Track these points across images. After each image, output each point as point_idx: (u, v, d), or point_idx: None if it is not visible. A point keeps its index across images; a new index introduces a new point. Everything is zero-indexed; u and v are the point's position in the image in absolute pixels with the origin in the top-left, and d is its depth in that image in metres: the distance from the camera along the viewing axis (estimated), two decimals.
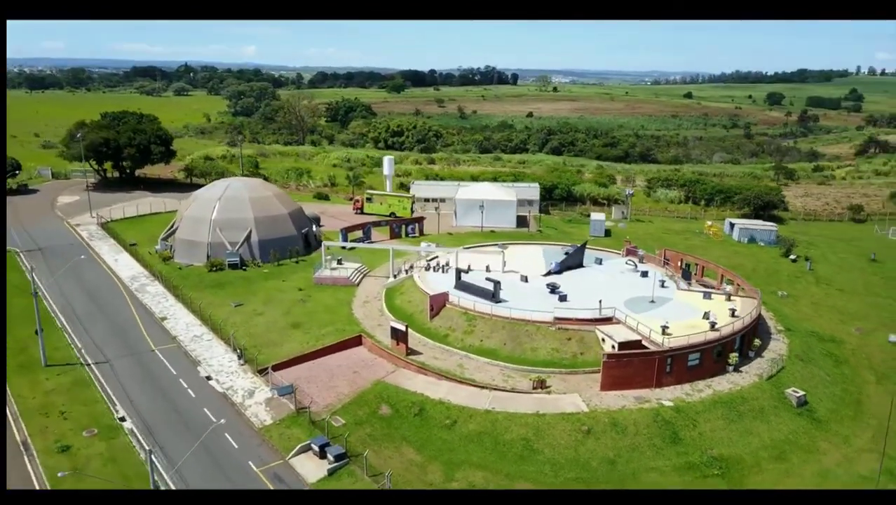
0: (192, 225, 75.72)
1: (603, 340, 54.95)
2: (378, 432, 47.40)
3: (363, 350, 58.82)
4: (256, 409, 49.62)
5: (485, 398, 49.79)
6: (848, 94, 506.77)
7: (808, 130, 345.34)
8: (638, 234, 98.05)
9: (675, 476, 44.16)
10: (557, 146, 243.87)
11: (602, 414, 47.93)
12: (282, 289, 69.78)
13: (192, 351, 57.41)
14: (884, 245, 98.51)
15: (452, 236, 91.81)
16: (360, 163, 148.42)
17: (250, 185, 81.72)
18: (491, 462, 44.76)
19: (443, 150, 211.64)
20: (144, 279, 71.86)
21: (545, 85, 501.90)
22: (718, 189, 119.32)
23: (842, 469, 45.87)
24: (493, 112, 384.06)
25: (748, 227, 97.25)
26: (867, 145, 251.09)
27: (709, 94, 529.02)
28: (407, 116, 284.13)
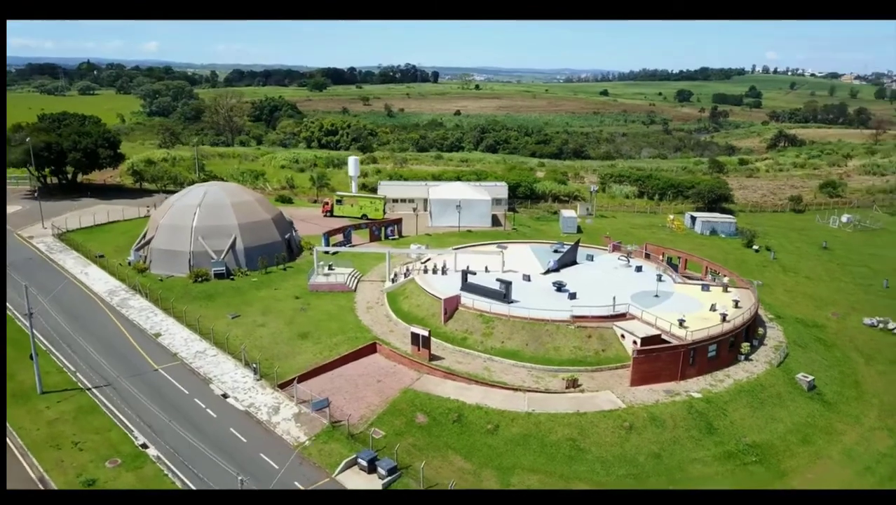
0: (169, 234, 71.47)
1: (622, 336, 55.91)
2: (421, 442, 46.38)
3: (379, 357, 57.39)
4: (286, 425, 47.44)
5: (521, 400, 49.65)
6: (748, 92, 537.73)
7: (719, 126, 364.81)
8: (604, 229, 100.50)
9: (717, 466, 45.54)
10: (492, 144, 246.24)
11: (640, 409, 48.79)
12: (277, 298, 67.05)
13: (198, 368, 54.25)
14: (828, 234, 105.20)
15: (432, 237, 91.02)
16: (309, 163, 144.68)
17: (229, 189, 78.00)
18: (541, 465, 44.72)
19: (380, 150, 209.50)
20: (124, 293, 67.28)
21: (467, 83, 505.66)
22: (670, 184, 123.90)
23: (861, 448, 48.64)
24: (420, 110, 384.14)
25: (709, 220, 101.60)
26: (777, 139, 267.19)
27: (622, 92, 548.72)
28: (339, 115, 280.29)
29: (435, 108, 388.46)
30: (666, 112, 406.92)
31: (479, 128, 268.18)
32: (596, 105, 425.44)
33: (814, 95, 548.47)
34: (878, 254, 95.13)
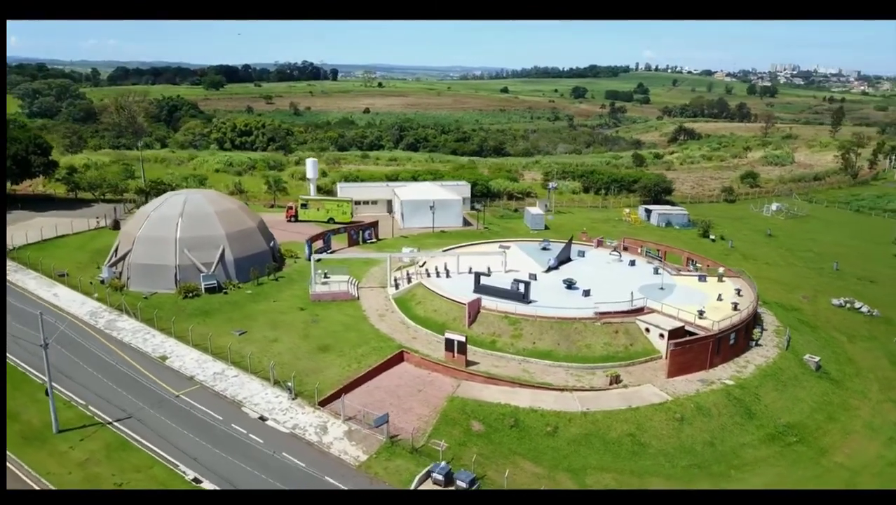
0: (149, 247, 66.11)
1: (647, 329, 57.51)
2: (486, 450, 45.64)
3: (408, 366, 55.87)
4: (340, 445, 45.31)
5: (572, 400, 49.98)
6: (636, 88, 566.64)
7: (618, 121, 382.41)
8: (568, 225, 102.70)
9: (766, 449, 47.84)
10: (413, 142, 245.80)
11: (685, 400, 50.42)
12: (280, 310, 63.69)
13: (223, 391, 50.68)
14: (765, 222, 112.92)
15: (409, 239, 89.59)
16: (246, 166, 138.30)
17: (210, 197, 73.06)
18: (609, 463, 45.25)
19: (299, 150, 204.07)
20: (108, 314, 61.61)
21: (370, 81, 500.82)
22: (614, 179, 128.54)
23: (878, 420, 52.71)
24: (327, 108, 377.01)
25: (664, 212, 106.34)
26: (677, 133, 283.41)
27: (520, 89, 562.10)
28: (252, 116, 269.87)
29: (342, 107, 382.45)
30: (566, 108, 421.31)
31: (396, 126, 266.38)
32: (500, 102, 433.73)
33: (694, 91, 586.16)
34: (815, 239, 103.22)
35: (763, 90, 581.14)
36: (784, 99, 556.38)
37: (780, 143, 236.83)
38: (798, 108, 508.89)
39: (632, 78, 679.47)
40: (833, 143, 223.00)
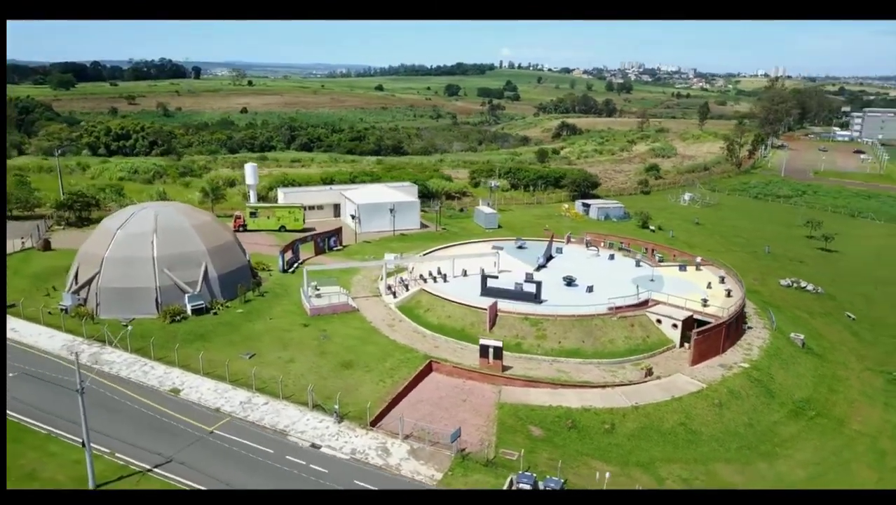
0: (122, 269, 59.31)
1: (658, 321, 59.77)
2: (554, 455, 45.39)
3: (439, 376, 54.27)
4: (409, 465, 43.34)
5: (617, 396, 50.93)
6: (505, 86, 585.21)
7: (497, 118, 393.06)
8: (515, 223, 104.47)
9: (794, 425, 51.37)
10: (306, 142, 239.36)
11: (717, 385, 52.98)
12: (283, 328, 59.55)
13: (259, 421, 46.72)
14: (686, 211, 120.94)
15: (372, 244, 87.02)
16: (151, 173, 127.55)
17: (183, 210, 66.53)
18: (672, 453, 46.61)
19: (187, 153, 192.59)
20: (88, 347, 54.60)
21: (239, 79, 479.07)
22: (539, 175, 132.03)
23: (868, 388, 58.35)
24: (199, 108, 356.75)
25: (602, 206, 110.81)
26: (560, 129, 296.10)
27: (393, 87, 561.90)
28: (129, 118, 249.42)
29: (215, 106, 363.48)
30: (445, 106, 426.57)
31: (285, 126, 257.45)
32: (379, 100, 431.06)
33: (558, 88, 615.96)
34: (735, 225, 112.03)
35: (619, 87, 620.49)
36: (638, 95, 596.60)
37: (657, 136, 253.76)
38: (651, 103, 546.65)
39: (498, 76, 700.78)
40: (705, 135, 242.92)
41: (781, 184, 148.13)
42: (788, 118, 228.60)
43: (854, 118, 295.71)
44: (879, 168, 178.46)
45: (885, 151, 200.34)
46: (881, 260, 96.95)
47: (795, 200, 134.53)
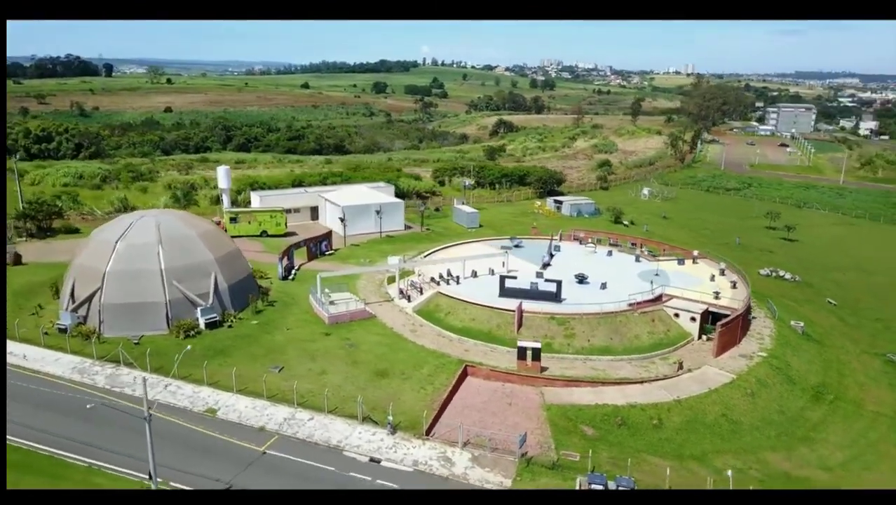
0: (127, 283, 55.36)
1: (676, 315, 61.23)
2: (613, 453, 45.73)
3: (475, 381, 53.45)
4: (475, 473, 42.64)
5: (658, 391, 51.78)
6: (432, 83, 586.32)
7: (430, 115, 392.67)
8: (494, 221, 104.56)
9: (818, 410, 53.68)
10: (243, 142, 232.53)
11: (746, 375, 54.76)
12: (303, 338, 57.26)
13: (309, 438, 44.79)
14: (650, 205, 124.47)
15: (361, 247, 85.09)
16: (98, 177, 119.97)
17: (183, 217, 62.59)
18: (720, 444, 47.79)
19: (118, 155, 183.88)
20: (101, 369, 50.71)
21: (157, 76, 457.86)
22: (504, 173, 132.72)
23: (872, 370, 61.67)
24: (117, 108, 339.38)
25: (575, 203, 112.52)
26: (497, 126, 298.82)
27: (319, 84, 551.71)
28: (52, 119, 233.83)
29: (135, 106, 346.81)
30: (377, 104, 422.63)
31: (219, 125, 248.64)
32: (308, 98, 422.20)
33: (484, 85, 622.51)
34: (699, 218, 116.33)
35: (543, 84, 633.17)
36: (561, 92, 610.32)
37: (593, 132, 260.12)
38: (575, 100, 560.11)
39: (422, 73, 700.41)
40: (639, 131, 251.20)
41: (727, 177, 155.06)
42: (716, 114, 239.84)
43: (770, 113, 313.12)
44: (807, 161, 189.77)
45: (811, 144, 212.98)
46: (838, 248, 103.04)
47: (745, 193, 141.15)
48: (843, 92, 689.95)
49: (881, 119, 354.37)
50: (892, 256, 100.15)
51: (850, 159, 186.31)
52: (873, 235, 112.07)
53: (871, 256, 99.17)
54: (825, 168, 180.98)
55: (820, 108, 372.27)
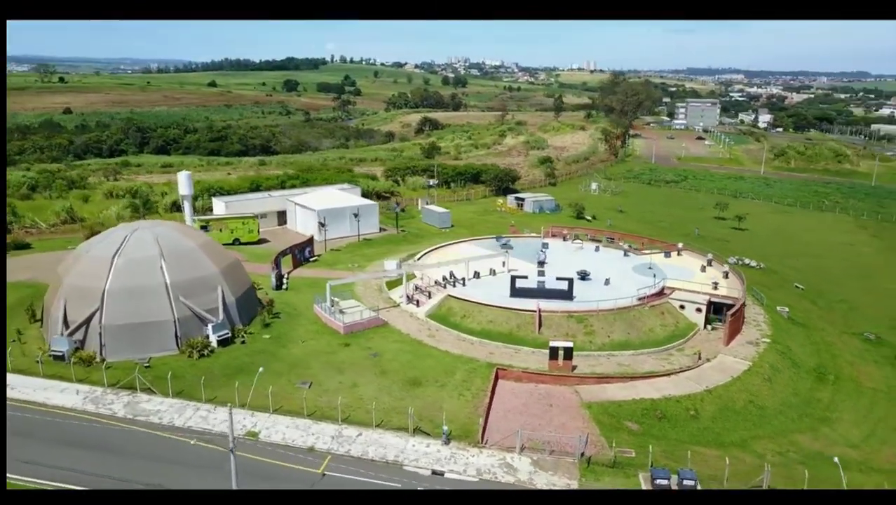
0: (129, 302, 51.06)
1: (682, 306, 63.14)
2: (662, 447, 46.49)
3: (507, 383, 52.97)
4: (541, 477, 42.41)
5: (687, 382, 53.17)
6: (344, 80, 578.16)
7: (349, 113, 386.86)
8: (461, 220, 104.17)
9: (824, 389, 56.72)
10: (162, 145, 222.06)
11: (760, 362, 57.16)
12: (323, 350, 54.90)
13: (364, 455, 43.06)
14: (601, 200, 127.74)
15: (342, 252, 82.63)
16: (24, 185, 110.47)
17: (179, 229, 58.21)
18: (754, 430, 49.59)
19: (22, 161, 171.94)
20: (116, 397, 46.57)
21: (48, 75, 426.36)
22: (458, 172, 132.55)
23: (855, 348, 65.81)
24: (11, 109, 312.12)
25: (536, 199, 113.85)
26: (423, 124, 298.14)
27: (224, 82, 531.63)
28: None
29: (29, 106, 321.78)
30: (293, 102, 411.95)
31: (132, 127, 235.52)
32: (219, 97, 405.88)
33: (396, 83, 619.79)
34: (652, 211, 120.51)
35: (455, 81, 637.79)
36: (473, 89, 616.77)
37: (518, 128, 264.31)
38: (487, 97, 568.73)
39: (332, 70, 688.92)
40: (564, 127, 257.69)
41: (662, 170, 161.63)
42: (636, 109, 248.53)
43: (679, 108, 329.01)
44: (727, 153, 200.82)
45: (729, 138, 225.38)
46: (782, 235, 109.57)
47: (683, 185, 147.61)
48: (733, 87, 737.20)
49: (774, 112, 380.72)
50: (831, 240, 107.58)
51: (763, 151, 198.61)
52: (808, 222, 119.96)
53: (813, 242, 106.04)
54: (744, 160, 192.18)
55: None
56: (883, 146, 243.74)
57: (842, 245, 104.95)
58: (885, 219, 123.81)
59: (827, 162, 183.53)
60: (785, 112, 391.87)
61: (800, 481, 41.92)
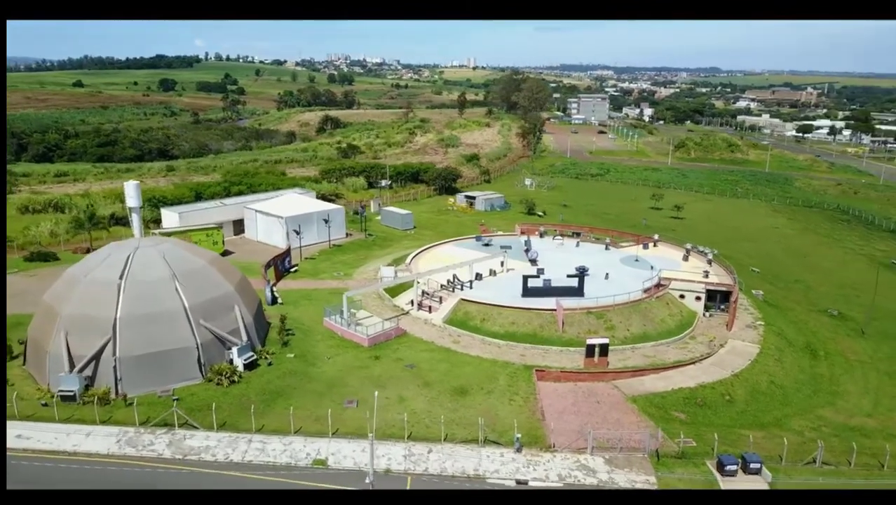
0: (144, 329, 45.78)
1: (681, 296, 65.58)
2: (717, 435, 47.94)
3: (547, 384, 52.64)
4: (619, 476, 42.63)
5: (715, 369, 55.24)
6: (224, 79, 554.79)
7: (238, 113, 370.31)
8: (420, 221, 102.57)
9: (822, 365, 60.54)
10: (43, 152, 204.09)
11: (766, 344, 60.51)
12: (355, 365, 52.09)
13: (443, 472, 41.38)
14: (539, 194, 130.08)
15: (316, 260, 78.98)
16: None
17: (182, 245, 52.80)
18: (784, 409, 52.20)
19: None
20: (155, 437, 41.75)
21: None
22: (397, 171, 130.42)
23: (822, 324, 71.00)
24: None
25: (487, 197, 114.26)
26: (324, 122, 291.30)
27: (92, 82, 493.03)
28: None
29: None
30: (175, 102, 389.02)
31: None
32: (88, 98, 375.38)
33: (280, 81, 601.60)
34: (593, 203, 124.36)
35: (342, 79, 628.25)
36: (361, 87, 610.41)
37: (424, 126, 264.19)
38: (376, 94, 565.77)
39: (208, 69, 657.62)
40: (470, 124, 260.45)
41: (584, 165, 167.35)
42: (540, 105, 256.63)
43: (571, 103, 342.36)
44: (634, 146, 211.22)
45: (632, 130, 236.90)
46: (715, 222, 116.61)
47: (608, 178, 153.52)
48: (606, 83, 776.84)
49: (655, 107, 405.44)
50: (757, 225, 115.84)
51: (662, 143, 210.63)
52: (730, 209, 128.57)
53: (742, 227, 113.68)
54: (649, 152, 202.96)
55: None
56: (754, 136, 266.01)
57: (769, 229, 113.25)
58: (792, 203, 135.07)
59: (721, 152, 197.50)
60: (662, 106, 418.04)
61: (846, 453, 44.61)
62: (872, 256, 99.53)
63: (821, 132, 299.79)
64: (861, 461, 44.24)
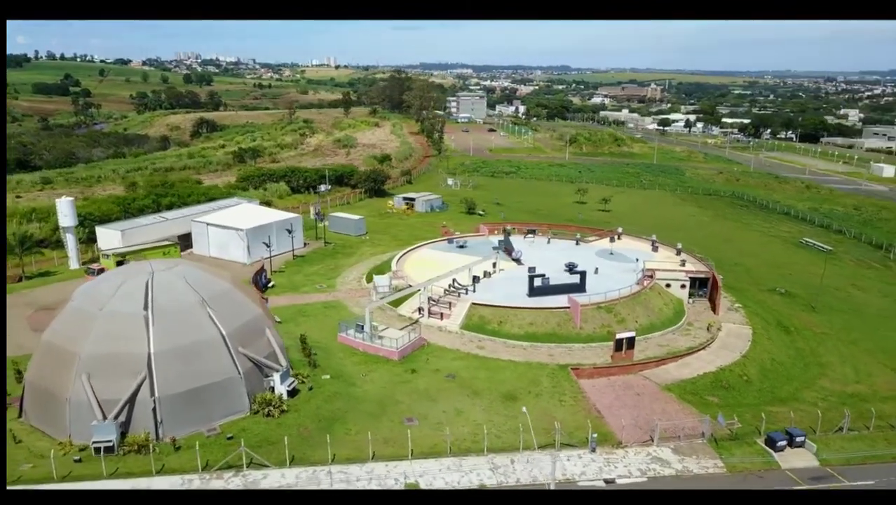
0: (182, 363, 40.85)
1: (668, 285, 68.68)
2: (749, 413, 50.80)
3: (583, 381, 53.30)
4: (690, 464, 44.22)
5: (727, 352, 58.54)
6: (64, 79, 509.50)
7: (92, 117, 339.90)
8: None
9: (800, 339, 65.41)
10: None
11: (756, 325, 65.04)
12: (394, 381, 49.77)
13: (535, 481, 40.85)
14: (466, 193, 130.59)
15: (286, 273, 74.41)
16: None
17: (197, 266, 47.21)
18: (789, 384, 56.23)
19: None
20: (224, 483, 37.39)
21: None
22: (321, 174, 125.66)
23: (778, 302, 77.41)
24: None
25: (427, 199, 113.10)
26: (199, 125, 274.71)
27: None
28: None
29: None
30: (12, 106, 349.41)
31: None
32: None
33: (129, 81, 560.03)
34: (524, 201, 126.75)
35: (199, 79, 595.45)
36: (221, 87, 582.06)
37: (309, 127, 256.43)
38: (239, 94, 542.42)
39: (41, 68, 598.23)
40: (359, 124, 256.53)
41: (494, 163, 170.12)
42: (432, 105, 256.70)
43: (450, 102, 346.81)
44: (531, 142, 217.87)
45: (523, 128, 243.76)
46: (638, 212, 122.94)
47: (521, 175, 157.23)
48: (469, 81, 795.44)
49: (525, 104, 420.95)
50: (675, 213, 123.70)
51: (551, 139, 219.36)
52: (643, 200, 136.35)
53: (662, 216, 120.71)
54: (544, 148, 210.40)
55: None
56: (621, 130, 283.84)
57: (687, 216, 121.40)
58: (693, 192, 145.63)
59: (609, 146, 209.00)
60: (532, 102, 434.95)
61: (861, 419, 48.93)
62: (781, 236, 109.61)
63: (678, 125, 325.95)
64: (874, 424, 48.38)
